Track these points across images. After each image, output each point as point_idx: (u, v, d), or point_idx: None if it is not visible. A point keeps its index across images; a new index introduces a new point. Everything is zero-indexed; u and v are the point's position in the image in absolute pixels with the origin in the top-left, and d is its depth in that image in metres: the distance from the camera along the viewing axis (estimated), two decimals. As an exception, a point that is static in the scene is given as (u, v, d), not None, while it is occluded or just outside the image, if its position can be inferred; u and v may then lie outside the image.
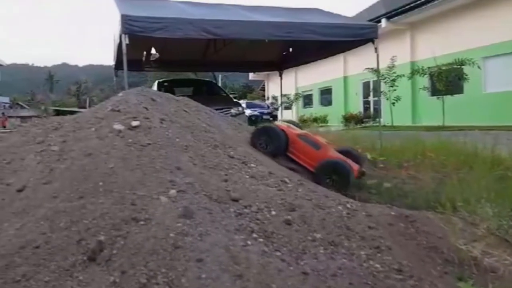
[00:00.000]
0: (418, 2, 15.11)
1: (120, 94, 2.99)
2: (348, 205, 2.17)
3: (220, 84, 19.03)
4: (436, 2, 14.27)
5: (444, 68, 13.38)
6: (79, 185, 1.83)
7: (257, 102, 24.99)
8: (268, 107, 21.56)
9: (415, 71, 14.66)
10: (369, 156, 4.42)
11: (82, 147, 2.10)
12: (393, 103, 13.87)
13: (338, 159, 3.63)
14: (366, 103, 19.38)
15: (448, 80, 13.26)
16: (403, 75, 14.27)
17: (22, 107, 47.63)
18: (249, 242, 1.66)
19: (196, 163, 2.30)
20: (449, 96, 13.17)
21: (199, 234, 1.62)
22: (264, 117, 18.26)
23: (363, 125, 15.90)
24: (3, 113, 38.15)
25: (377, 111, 15.06)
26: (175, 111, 3.08)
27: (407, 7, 15.59)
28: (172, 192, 1.88)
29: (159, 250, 1.52)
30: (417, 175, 3.72)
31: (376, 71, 10.70)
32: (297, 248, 1.74)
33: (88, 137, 2.20)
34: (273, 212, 1.95)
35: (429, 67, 14.20)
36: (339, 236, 1.87)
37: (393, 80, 13.95)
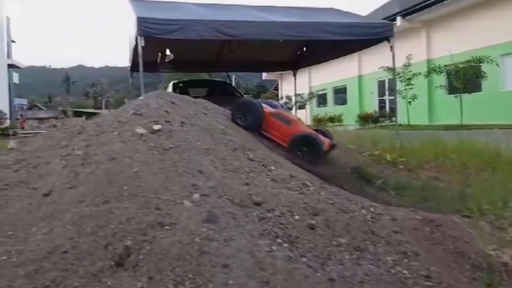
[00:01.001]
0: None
1: (141, 98, 3.01)
2: (372, 209, 2.14)
3: (233, 84, 19.02)
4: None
5: (461, 66, 13.14)
6: (104, 190, 1.85)
7: (270, 101, 25.04)
8: (282, 106, 21.56)
9: (431, 69, 14.43)
10: (388, 157, 4.36)
11: (106, 151, 2.11)
12: (409, 102, 13.69)
13: (308, 133, 3.88)
14: (382, 102, 19.17)
15: (465, 78, 13.03)
16: (419, 74, 14.07)
17: (39, 108, 48.56)
18: (274, 248, 1.65)
19: (217, 166, 2.30)
20: (466, 94, 12.93)
21: (224, 239, 1.62)
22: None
23: (379, 124, 15.72)
24: (21, 115, 38.91)
25: (393, 110, 14.89)
26: (194, 113, 3.09)
27: (422, 4, 15.37)
28: (196, 196, 1.88)
29: (185, 255, 1.52)
30: (439, 176, 3.65)
31: (392, 69, 10.59)
32: (322, 254, 1.72)
33: (111, 141, 2.22)
34: (297, 217, 1.94)
35: (445, 65, 13.97)
36: (364, 241, 1.84)
37: (409, 79, 13.77)
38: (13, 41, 30.30)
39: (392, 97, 17.30)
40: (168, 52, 10.80)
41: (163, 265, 1.48)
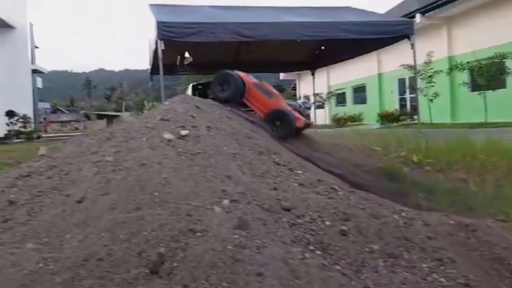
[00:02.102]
0: (454, -5, 14.60)
1: (166, 103, 3.04)
2: (404, 214, 2.09)
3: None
4: (473, -5, 13.76)
5: (484, 62, 12.83)
6: (135, 196, 1.87)
7: (288, 101, 24.94)
8: (300, 106, 21.43)
9: (453, 66, 14.13)
10: (415, 158, 4.27)
11: (136, 157, 2.13)
12: (431, 100, 13.43)
13: (283, 108, 4.11)
14: (402, 100, 18.88)
15: (489, 74, 12.71)
16: (441, 71, 13.79)
17: (62, 112, 49.79)
18: (307, 255, 1.63)
19: (244, 171, 2.30)
20: (490, 91, 12.61)
21: (256, 247, 1.61)
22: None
23: (400, 123, 15.47)
24: (44, 118, 39.99)
25: (414, 108, 14.64)
26: (219, 117, 3.10)
27: (442, 1, 15.06)
28: (226, 202, 1.88)
29: (218, 263, 1.51)
30: (468, 178, 3.56)
31: (412, 67, 10.39)
32: (355, 261, 1.69)
33: (140, 147, 2.24)
34: (327, 222, 1.91)
35: (468, 62, 13.65)
36: (398, 247, 1.81)
37: (430, 76, 13.51)
38: (36, 47, 31.09)
39: (413, 95, 17.01)
40: (187, 54, 10.91)
41: (197, 273, 1.48)
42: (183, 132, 2.40)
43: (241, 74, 4.25)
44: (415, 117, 13.54)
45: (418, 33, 9.52)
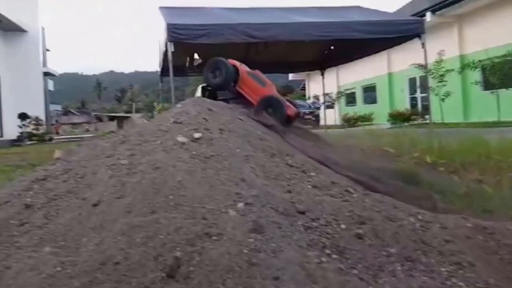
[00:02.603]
0: (465, -7, 14.44)
1: (179, 105, 3.05)
2: (420, 217, 2.07)
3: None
4: (485, -8, 13.59)
5: (497, 60, 12.65)
6: (150, 199, 1.87)
7: (298, 102, 24.86)
8: (310, 106, 21.38)
9: (465, 65, 13.96)
10: (428, 159, 4.22)
11: (150, 160, 2.14)
12: (443, 99, 13.29)
13: (274, 95, 4.21)
14: (413, 99, 18.72)
15: (502, 73, 12.54)
16: (453, 70, 13.63)
17: (73, 114, 50.41)
18: (323, 259, 1.62)
19: (258, 173, 2.29)
20: (503, 90, 12.43)
21: (272, 250, 1.60)
22: (306, 116, 18.12)
23: (411, 123, 15.33)
24: (56, 121, 40.52)
25: (426, 108, 14.48)
26: (231, 119, 3.10)
27: (453, -1, 14.91)
28: (240, 205, 1.87)
29: (234, 267, 1.51)
30: (484, 179, 3.50)
31: (423, 66, 10.29)
32: (373, 265, 1.67)
33: (154, 150, 2.25)
34: (343, 226, 1.90)
35: (480, 60, 13.48)
36: (416, 251, 1.78)
37: (442, 75, 13.36)
38: (47, 50, 31.50)
39: (424, 95, 16.84)
40: (196, 56, 10.97)
41: (213, 277, 1.47)
42: (196, 135, 2.40)
43: (235, 62, 4.43)
44: (427, 116, 13.39)
45: (428, 32, 9.43)
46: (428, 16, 15.53)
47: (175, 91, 9.65)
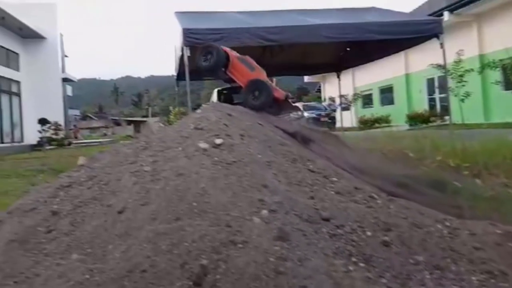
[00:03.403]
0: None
1: (199, 111, 3.06)
2: (447, 223, 2.02)
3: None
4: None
5: (518, 59, 12.37)
6: (175, 206, 1.88)
7: (313, 104, 24.72)
8: (326, 108, 21.24)
9: (485, 64, 13.67)
10: (451, 163, 4.13)
11: (173, 167, 2.15)
12: (462, 100, 13.04)
13: (263, 79, 4.35)
14: (432, 100, 18.43)
15: (524, 72, 12.24)
16: (472, 70, 13.37)
17: (91, 118, 51.40)
18: (350, 267, 1.59)
19: (280, 180, 2.28)
20: (526, 90, 12.12)
21: (298, 259, 1.58)
22: (322, 119, 18.01)
23: (430, 124, 15.09)
24: (74, 125, 41.29)
25: (445, 109, 14.23)
26: (251, 124, 3.10)
27: (471, -2, 14.66)
28: (264, 212, 1.86)
29: (261, 275, 1.50)
30: (510, 182, 3.41)
31: (442, 66, 10.11)
32: (400, 273, 1.64)
33: (176, 156, 2.26)
34: (368, 233, 1.87)
35: (500, 60, 13.19)
36: (444, 259, 1.74)
37: (461, 75, 13.12)
38: (66, 56, 32.18)
39: (443, 95, 16.57)
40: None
41: (240, 286, 1.47)
42: (218, 141, 2.40)
43: (226, 48, 4.67)
44: (446, 117, 13.16)
45: (446, 31, 9.28)
46: (446, 16, 15.29)
47: (191, 94, 9.72)
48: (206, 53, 4.46)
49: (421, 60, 15.11)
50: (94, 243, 1.83)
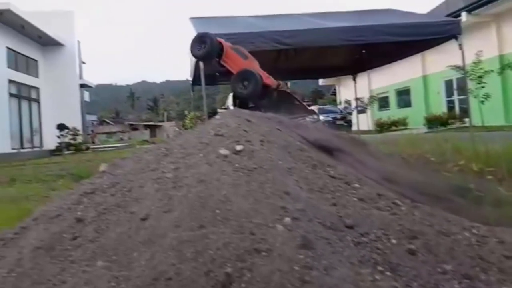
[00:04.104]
0: (503, -9, 13.93)
1: (218, 117, 3.07)
2: (475, 231, 1.97)
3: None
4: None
5: (540, 59, 12.06)
6: (198, 214, 1.88)
7: (329, 107, 24.51)
8: (341, 111, 21.07)
9: (505, 65, 13.38)
10: (475, 167, 4.03)
11: (194, 174, 2.16)
12: (482, 102, 12.76)
13: (252, 69, 4.55)
14: (450, 102, 18.13)
15: (546, 72, 11.93)
16: (492, 71, 13.09)
17: (108, 123, 52.29)
18: (377, 277, 1.57)
19: (301, 186, 2.26)
20: (548, 90, 11.81)
21: (324, 268, 1.57)
22: (337, 122, 17.88)
23: (449, 126, 14.84)
24: (92, 130, 42.02)
25: (464, 111, 13.97)
26: (270, 130, 3.09)
27: (489, -3, 14.41)
28: (287, 220, 1.85)
29: (287, 284, 1.49)
30: (537, 188, 3.32)
31: (460, 68, 9.94)
32: (428, 283, 1.60)
33: (198, 163, 2.27)
34: (393, 241, 1.83)
35: (521, 60, 12.89)
36: (473, 267, 1.70)
37: (480, 77, 12.86)
38: (83, 63, 32.81)
39: (462, 97, 16.29)
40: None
41: (266, 295, 1.46)
42: (238, 147, 2.40)
43: (221, 40, 5.00)
44: (465, 120, 12.92)
45: (464, 32, 9.12)
46: (464, 16, 15.05)
47: (206, 99, 9.78)
48: (200, 42, 4.73)
49: (439, 62, 14.88)
50: (119, 250, 1.84)
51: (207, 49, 4.64)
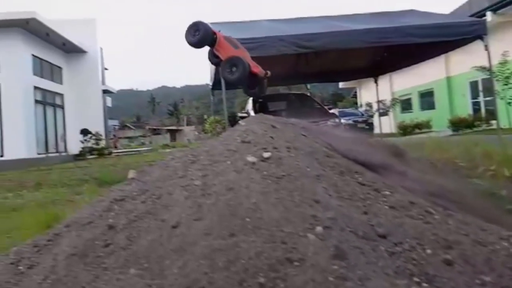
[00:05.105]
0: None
1: (243, 123, 3.07)
2: (513, 240, 1.90)
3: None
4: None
5: None
6: (228, 222, 1.88)
7: (350, 110, 24.22)
8: (362, 114, 20.80)
9: (533, 65, 12.97)
10: (507, 173, 3.90)
11: (223, 181, 2.16)
12: (509, 103, 12.41)
13: (239, 56, 4.68)
14: (476, 104, 17.66)
15: None
16: (519, 71, 12.72)
17: (129, 128, 53.31)
18: (413, 288, 1.53)
19: (331, 194, 2.23)
20: None
21: (358, 278, 1.54)
22: (359, 125, 17.66)
23: (475, 129, 14.45)
24: (114, 135, 42.83)
25: (490, 113, 13.58)
26: (295, 136, 3.07)
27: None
28: (319, 229, 1.83)
29: (321, 295, 1.46)
30: None
31: (486, 68, 9.68)
32: (467, 295, 1.55)
33: (225, 170, 2.27)
34: (428, 251, 1.79)
35: (550, 59, 12.48)
36: (514, 280, 1.64)
37: (507, 78, 12.52)
38: (106, 69, 33.52)
39: (488, 98, 15.86)
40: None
41: (301, 306, 1.44)
42: (266, 154, 2.39)
43: (215, 30, 5.11)
44: (492, 122, 12.56)
45: (489, 32, 8.89)
46: (489, 16, 14.67)
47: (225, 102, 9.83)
48: (194, 30, 4.98)
49: (463, 63, 14.54)
50: (151, 258, 1.86)
51: (201, 36, 4.90)
